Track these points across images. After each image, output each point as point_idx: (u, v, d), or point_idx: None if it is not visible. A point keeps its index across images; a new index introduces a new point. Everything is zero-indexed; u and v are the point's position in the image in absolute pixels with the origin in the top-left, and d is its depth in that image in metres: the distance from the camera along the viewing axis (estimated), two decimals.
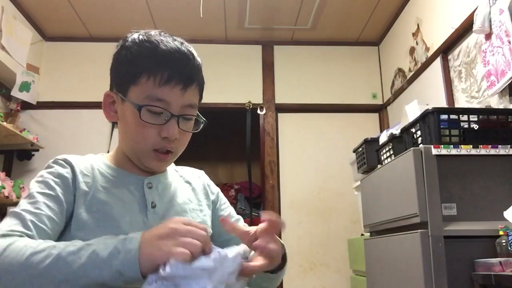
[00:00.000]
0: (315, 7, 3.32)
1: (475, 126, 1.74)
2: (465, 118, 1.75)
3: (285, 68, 3.77)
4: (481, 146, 1.69)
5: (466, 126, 1.75)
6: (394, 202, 1.87)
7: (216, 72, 3.61)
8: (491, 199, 1.67)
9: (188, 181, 1.00)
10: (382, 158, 2.23)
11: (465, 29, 2.40)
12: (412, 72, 3.11)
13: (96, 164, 0.89)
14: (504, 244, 1.50)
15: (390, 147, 2.10)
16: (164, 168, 0.94)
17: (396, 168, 1.88)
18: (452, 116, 1.75)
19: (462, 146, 1.69)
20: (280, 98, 3.70)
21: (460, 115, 1.76)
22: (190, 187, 0.99)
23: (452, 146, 1.68)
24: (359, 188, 2.55)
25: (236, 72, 3.72)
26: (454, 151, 1.67)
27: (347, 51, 3.85)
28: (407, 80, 3.20)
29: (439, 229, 1.58)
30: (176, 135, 0.84)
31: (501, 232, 1.52)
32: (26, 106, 3.35)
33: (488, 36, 2.11)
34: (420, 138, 1.81)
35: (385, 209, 1.99)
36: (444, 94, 2.64)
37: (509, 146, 1.71)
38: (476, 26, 2.11)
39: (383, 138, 2.27)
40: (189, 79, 0.84)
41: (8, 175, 3.17)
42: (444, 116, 1.73)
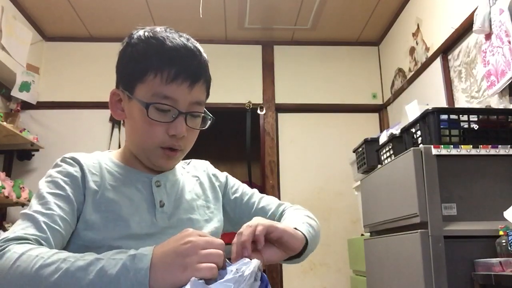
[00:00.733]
0: (315, 7, 3.32)
1: (475, 126, 1.74)
2: (465, 118, 1.75)
3: (285, 68, 3.77)
4: (481, 146, 1.69)
5: (466, 126, 1.75)
6: (394, 202, 1.87)
7: (216, 72, 3.52)
8: (491, 199, 1.67)
9: (195, 175, 1.00)
10: (382, 158, 2.23)
11: (465, 29, 2.40)
12: (412, 72, 3.11)
13: (103, 162, 0.88)
14: (504, 244, 1.49)
15: (390, 147, 2.10)
16: (173, 166, 0.92)
17: (396, 168, 1.88)
18: (452, 116, 1.75)
19: (462, 146, 1.69)
20: (280, 98, 3.70)
21: (460, 115, 1.76)
22: (198, 182, 0.98)
23: (452, 146, 1.68)
24: (359, 188, 2.55)
25: (236, 72, 3.72)
26: (454, 151, 1.67)
27: (347, 51, 3.85)
28: (407, 80, 3.20)
29: (439, 229, 1.58)
30: (184, 133, 0.83)
31: (501, 232, 1.51)
32: (26, 106, 3.35)
33: (488, 36, 2.11)
34: (420, 138, 1.81)
35: (385, 209, 1.99)
36: (444, 94, 2.64)
37: (509, 146, 1.71)
38: (476, 26, 2.11)
39: (383, 138, 2.27)
40: (196, 76, 0.83)
41: (8, 175, 3.17)
42: (444, 116, 1.73)
